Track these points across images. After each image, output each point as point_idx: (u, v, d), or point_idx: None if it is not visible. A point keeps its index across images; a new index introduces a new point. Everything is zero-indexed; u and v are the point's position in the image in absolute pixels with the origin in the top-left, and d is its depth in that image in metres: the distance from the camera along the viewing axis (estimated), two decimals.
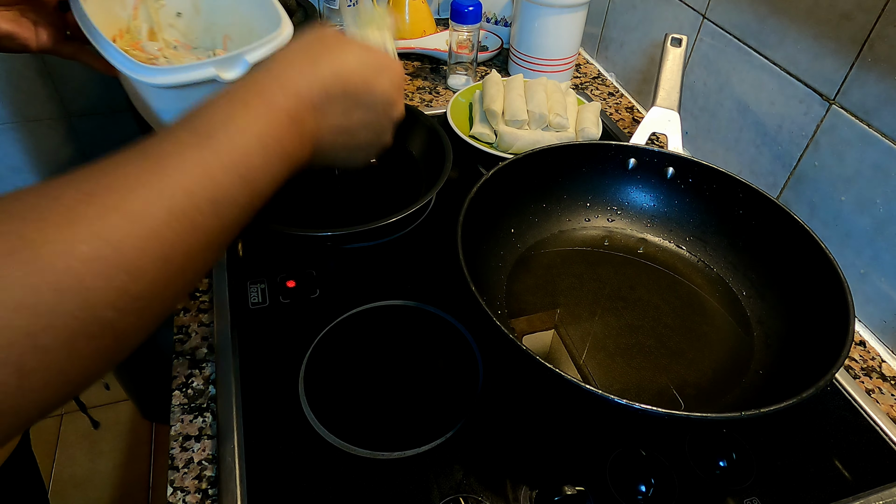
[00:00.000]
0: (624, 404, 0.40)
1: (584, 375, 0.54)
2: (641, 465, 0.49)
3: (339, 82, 0.40)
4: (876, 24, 0.56)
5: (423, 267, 0.64)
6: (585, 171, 0.67)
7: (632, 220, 0.69)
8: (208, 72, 0.51)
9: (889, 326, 0.61)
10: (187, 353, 0.55)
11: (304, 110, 0.38)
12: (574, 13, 0.89)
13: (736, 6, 0.73)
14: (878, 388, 0.58)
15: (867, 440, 0.52)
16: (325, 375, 0.53)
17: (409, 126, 0.77)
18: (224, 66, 0.52)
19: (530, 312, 0.59)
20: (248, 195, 0.33)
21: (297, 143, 0.37)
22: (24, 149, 1.21)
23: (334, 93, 0.40)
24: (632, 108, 0.97)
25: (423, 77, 1.00)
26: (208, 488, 0.46)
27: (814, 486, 0.48)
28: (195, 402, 0.52)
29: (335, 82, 0.40)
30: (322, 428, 0.49)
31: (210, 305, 0.60)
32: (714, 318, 0.59)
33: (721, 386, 0.53)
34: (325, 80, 0.39)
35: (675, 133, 0.69)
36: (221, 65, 0.52)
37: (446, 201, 0.71)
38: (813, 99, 0.64)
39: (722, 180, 0.63)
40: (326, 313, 0.58)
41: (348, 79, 0.40)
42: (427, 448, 0.48)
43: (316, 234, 0.63)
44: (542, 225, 0.67)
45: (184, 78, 0.51)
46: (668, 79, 0.71)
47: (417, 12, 1.05)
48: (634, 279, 0.63)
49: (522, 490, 0.46)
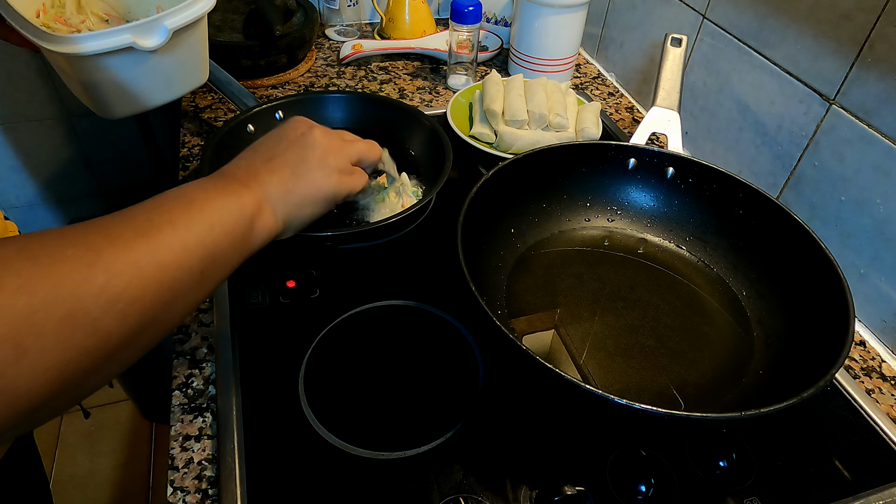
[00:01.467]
0: (624, 404, 0.40)
1: (584, 375, 0.54)
2: (641, 465, 0.49)
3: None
4: (876, 24, 0.56)
5: (423, 267, 0.64)
6: (585, 171, 0.67)
7: (632, 220, 0.69)
8: (124, 38, 0.49)
9: (889, 326, 0.61)
10: (187, 353, 0.55)
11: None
12: (574, 13, 0.89)
13: (736, 6, 0.73)
14: (878, 388, 0.58)
15: (867, 440, 0.52)
16: (325, 375, 0.53)
17: (409, 126, 0.77)
18: (142, 32, 0.50)
19: (530, 312, 0.59)
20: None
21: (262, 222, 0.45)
22: (24, 149, 1.21)
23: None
24: (632, 108, 0.97)
25: (423, 77, 1.00)
26: (208, 488, 0.46)
27: (814, 486, 0.48)
28: (195, 402, 0.52)
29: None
30: (322, 428, 0.49)
31: (210, 305, 0.60)
32: (714, 318, 0.59)
33: (721, 386, 0.53)
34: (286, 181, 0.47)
35: (675, 133, 0.69)
36: (139, 31, 0.50)
37: (446, 201, 0.71)
38: (813, 99, 0.64)
39: (722, 180, 0.63)
40: (326, 313, 0.58)
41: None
42: (427, 448, 0.48)
43: (316, 234, 0.63)
44: (542, 225, 0.67)
45: (98, 45, 0.49)
46: (668, 79, 0.71)
47: (417, 12, 1.05)
48: (634, 279, 0.63)
49: (522, 490, 0.46)
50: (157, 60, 0.58)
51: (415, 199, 0.68)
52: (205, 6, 0.56)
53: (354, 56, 0.99)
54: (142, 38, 0.50)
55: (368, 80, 0.98)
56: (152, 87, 0.62)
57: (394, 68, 1.01)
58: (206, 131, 0.84)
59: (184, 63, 0.63)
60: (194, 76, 0.67)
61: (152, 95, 0.63)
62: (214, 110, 0.88)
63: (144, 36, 0.50)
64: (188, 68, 0.65)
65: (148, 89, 0.62)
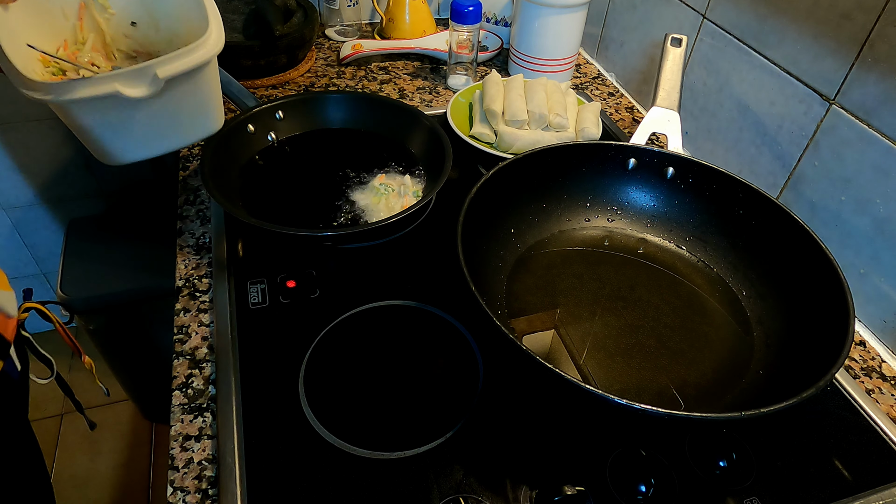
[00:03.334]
0: (624, 404, 0.40)
1: (584, 375, 0.54)
2: (641, 465, 0.49)
3: None
4: (876, 24, 0.56)
5: (423, 267, 0.64)
6: (585, 171, 0.67)
7: (632, 220, 0.69)
8: (109, 87, 0.46)
9: (889, 326, 0.61)
10: (187, 353, 0.55)
11: None
12: (574, 13, 0.89)
13: (736, 6, 0.73)
14: (878, 388, 0.58)
15: (867, 440, 0.52)
16: (325, 375, 0.53)
17: (409, 126, 0.77)
18: (129, 80, 0.47)
19: (530, 312, 0.59)
20: None
21: None
22: (23, 149, 1.21)
23: None
24: (632, 108, 0.97)
25: (423, 77, 1.00)
26: (208, 488, 0.46)
27: (814, 486, 0.48)
28: (195, 402, 0.52)
29: None
30: (322, 428, 0.49)
31: (210, 305, 0.60)
32: (714, 318, 0.59)
33: (721, 386, 0.53)
34: None
35: (675, 133, 0.69)
36: (126, 79, 0.47)
37: (446, 201, 0.71)
38: (813, 99, 0.64)
39: (722, 180, 0.63)
40: (326, 313, 0.58)
41: None
42: (427, 448, 0.48)
43: (316, 234, 0.63)
44: (542, 225, 0.67)
45: (80, 94, 0.46)
46: (668, 79, 0.71)
47: (417, 12, 1.05)
48: (634, 279, 0.63)
49: (522, 490, 0.46)
50: (153, 108, 0.53)
51: (415, 199, 0.68)
52: (204, 55, 0.51)
53: (354, 56, 0.99)
54: (129, 87, 0.47)
55: (368, 80, 0.98)
56: (152, 135, 0.57)
57: (394, 68, 1.01)
58: None
59: (189, 110, 0.58)
60: (203, 124, 0.61)
61: (154, 143, 0.58)
62: None
63: (132, 84, 0.47)
64: (194, 116, 0.60)
65: (147, 137, 0.57)
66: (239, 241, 0.66)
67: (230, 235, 0.66)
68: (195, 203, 0.72)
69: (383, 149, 0.77)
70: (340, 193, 0.70)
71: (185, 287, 0.61)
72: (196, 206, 0.72)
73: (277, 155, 0.76)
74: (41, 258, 1.43)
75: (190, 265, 0.64)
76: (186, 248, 0.66)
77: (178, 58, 0.49)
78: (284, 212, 0.68)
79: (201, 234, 0.68)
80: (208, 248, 0.66)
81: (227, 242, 0.65)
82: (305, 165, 0.75)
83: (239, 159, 0.73)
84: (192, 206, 0.72)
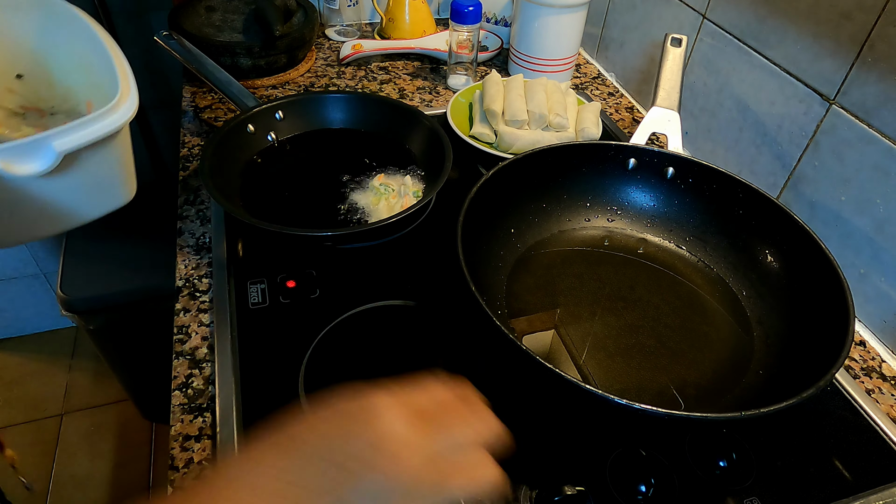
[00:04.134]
0: (624, 404, 0.40)
1: (584, 375, 0.54)
2: (641, 465, 0.49)
3: None
4: (876, 24, 0.56)
5: (423, 267, 0.64)
6: (585, 171, 0.67)
7: (632, 220, 0.69)
8: None
9: (889, 326, 0.61)
10: (187, 353, 0.55)
11: None
12: (574, 13, 0.89)
13: (736, 6, 0.73)
14: (878, 388, 0.58)
15: (867, 440, 0.52)
16: (325, 376, 0.53)
17: (409, 126, 0.77)
18: (18, 154, 0.38)
19: (530, 312, 0.59)
20: None
21: None
22: None
23: None
24: (632, 108, 0.97)
25: (423, 77, 1.00)
26: None
27: (814, 486, 0.48)
28: (195, 402, 0.52)
29: None
30: None
31: (210, 305, 0.60)
32: (714, 318, 0.59)
33: (721, 386, 0.53)
34: None
35: (675, 133, 0.69)
36: (14, 154, 0.37)
37: (446, 201, 0.71)
38: (813, 99, 0.64)
39: (722, 180, 0.63)
40: (326, 313, 0.58)
41: None
42: None
43: (316, 234, 0.63)
44: (542, 225, 0.67)
45: None
46: (668, 79, 0.71)
47: (417, 12, 1.05)
48: (634, 279, 0.63)
49: (522, 490, 0.46)
50: (47, 186, 0.43)
51: (415, 199, 0.68)
52: (113, 124, 0.43)
53: (354, 56, 0.99)
54: (16, 164, 0.37)
55: (368, 80, 0.98)
56: (42, 217, 0.47)
57: (394, 68, 1.01)
58: (206, 131, 0.84)
59: (91, 186, 0.49)
60: (107, 200, 0.52)
61: (44, 226, 0.49)
62: (214, 110, 0.88)
63: (21, 160, 0.37)
64: (99, 191, 0.50)
65: (36, 219, 0.47)
66: (239, 241, 0.66)
67: (230, 235, 0.66)
68: (195, 203, 0.72)
69: (383, 149, 0.77)
70: (340, 193, 0.71)
71: (185, 287, 0.61)
72: (196, 206, 0.72)
73: (277, 155, 0.76)
74: (41, 258, 1.43)
75: (190, 265, 0.64)
76: (186, 248, 0.66)
77: (82, 127, 0.40)
78: (284, 212, 0.68)
79: (201, 234, 0.68)
80: (208, 248, 0.66)
81: (227, 242, 0.65)
82: (305, 165, 0.75)
83: (239, 159, 0.73)
84: (192, 206, 0.72)
